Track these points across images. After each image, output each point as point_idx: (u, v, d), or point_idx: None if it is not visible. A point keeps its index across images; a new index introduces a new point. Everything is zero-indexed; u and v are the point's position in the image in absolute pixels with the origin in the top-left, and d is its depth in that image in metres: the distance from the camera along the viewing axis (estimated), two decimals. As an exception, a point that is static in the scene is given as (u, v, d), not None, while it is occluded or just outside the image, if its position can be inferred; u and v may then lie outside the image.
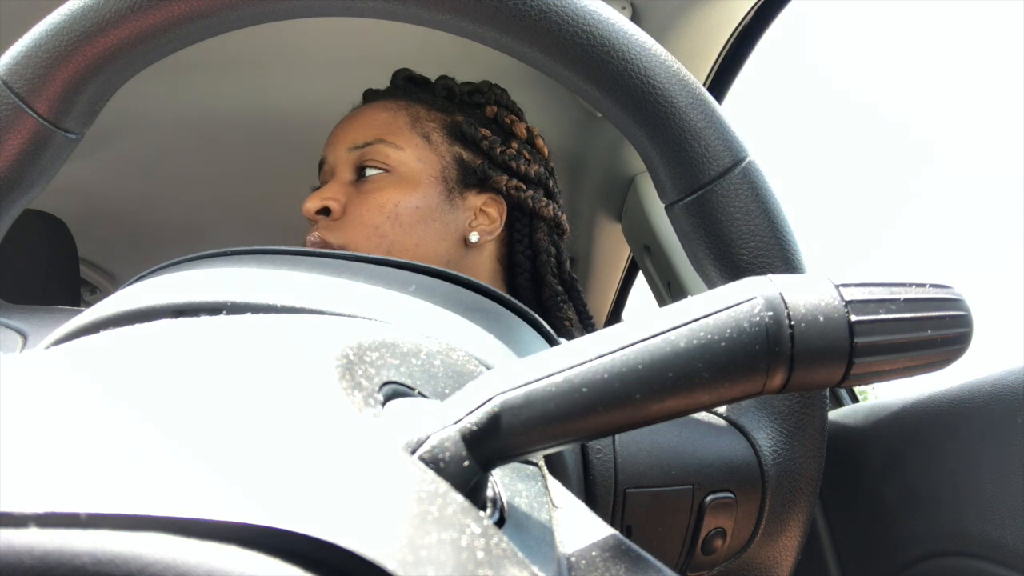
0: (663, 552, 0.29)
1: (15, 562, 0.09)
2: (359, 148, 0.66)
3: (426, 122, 0.68)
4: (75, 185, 1.03)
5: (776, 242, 0.28)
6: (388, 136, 0.66)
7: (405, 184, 0.65)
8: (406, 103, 0.69)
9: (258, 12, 0.30)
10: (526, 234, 0.71)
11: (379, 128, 0.66)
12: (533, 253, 0.71)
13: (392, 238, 0.63)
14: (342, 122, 0.70)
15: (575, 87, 0.29)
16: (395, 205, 0.64)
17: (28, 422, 0.12)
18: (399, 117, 0.68)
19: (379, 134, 0.66)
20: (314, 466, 0.12)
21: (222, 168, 1.05)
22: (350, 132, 0.67)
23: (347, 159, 0.66)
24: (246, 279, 0.26)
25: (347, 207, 0.64)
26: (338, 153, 0.67)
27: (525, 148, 0.72)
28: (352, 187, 0.66)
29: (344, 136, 0.67)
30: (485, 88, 0.73)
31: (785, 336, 0.16)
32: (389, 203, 0.64)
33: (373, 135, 0.66)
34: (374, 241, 0.63)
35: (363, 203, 0.64)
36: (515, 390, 0.15)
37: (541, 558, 0.15)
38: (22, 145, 0.31)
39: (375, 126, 0.67)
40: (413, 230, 0.64)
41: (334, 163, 0.67)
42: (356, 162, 0.66)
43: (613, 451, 0.27)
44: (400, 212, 0.64)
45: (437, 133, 0.68)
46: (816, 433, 0.30)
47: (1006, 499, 0.38)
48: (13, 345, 0.33)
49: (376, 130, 0.66)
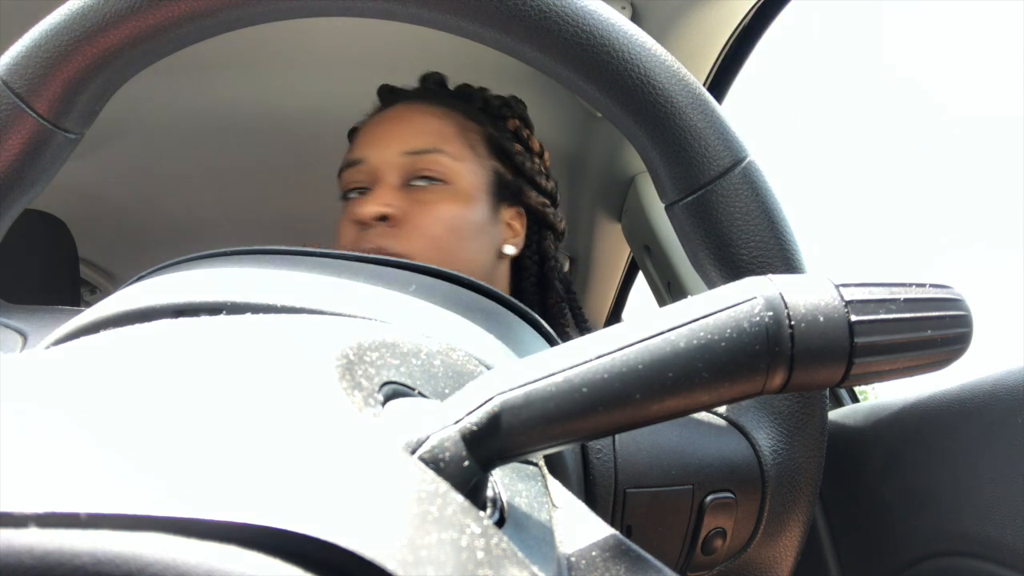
0: (663, 552, 0.29)
1: (15, 562, 0.09)
2: (415, 154, 0.63)
3: (470, 133, 0.67)
4: (75, 185, 1.03)
5: (776, 242, 0.28)
6: (444, 145, 0.64)
7: (462, 197, 0.64)
8: (446, 110, 0.67)
9: (258, 12, 0.29)
10: (535, 240, 0.72)
11: (435, 136, 0.65)
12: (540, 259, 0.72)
13: (452, 251, 0.62)
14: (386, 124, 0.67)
15: (575, 87, 0.29)
16: (455, 218, 0.63)
17: (28, 422, 0.12)
18: (448, 125, 0.66)
19: (436, 143, 0.64)
20: (314, 466, 0.12)
21: (222, 168, 1.05)
22: (403, 136, 0.64)
23: (399, 163, 0.63)
24: (246, 279, 0.26)
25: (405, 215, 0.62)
26: (387, 156, 0.64)
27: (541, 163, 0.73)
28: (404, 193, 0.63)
29: (395, 139, 0.64)
30: (513, 102, 0.73)
31: (785, 336, 0.16)
32: (449, 216, 0.63)
33: (431, 143, 0.64)
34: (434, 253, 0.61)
35: (424, 213, 0.62)
36: (515, 390, 0.15)
37: (541, 558, 0.15)
38: (22, 145, 0.31)
39: (430, 133, 0.65)
40: (469, 243, 0.64)
41: (381, 166, 0.64)
42: (409, 168, 0.63)
43: (613, 451, 0.27)
44: (459, 225, 0.63)
45: (480, 146, 0.67)
46: (816, 433, 0.30)
47: (1006, 499, 0.38)
48: (13, 345, 0.33)
49: (432, 138, 0.64)
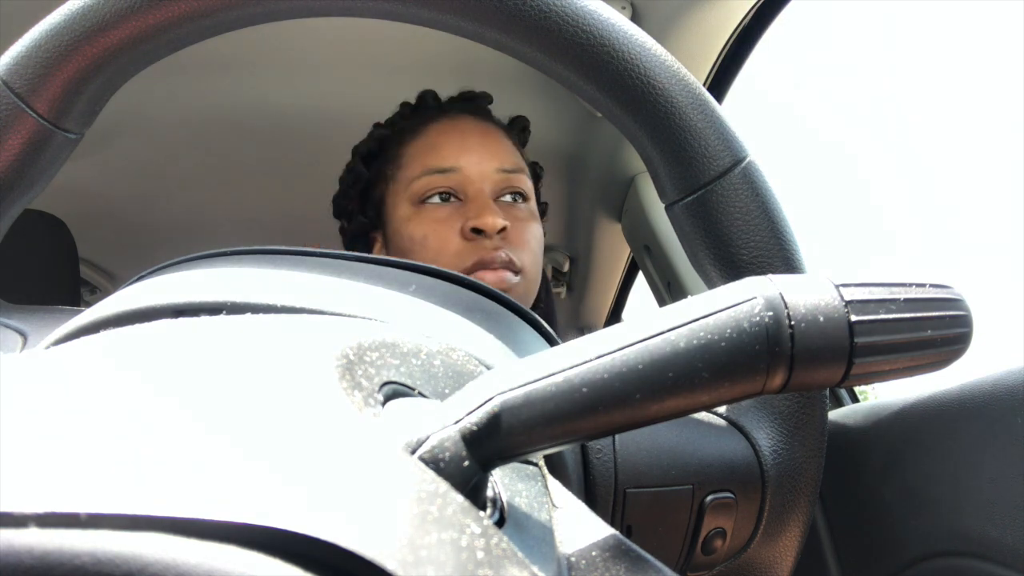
0: (663, 552, 0.29)
1: (15, 562, 0.09)
2: (507, 172, 0.67)
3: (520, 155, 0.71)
4: (75, 185, 1.03)
5: (776, 242, 0.28)
6: (522, 166, 0.69)
7: (536, 216, 0.69)
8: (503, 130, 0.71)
9: (258, 12, 0.29)
10: None
11: (516, 156, 0.69)
12: None
13: (540, 263, 0.68)
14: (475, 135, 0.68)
15: (575, 87, 0.29)
16: (539, 234, 0.68)
17: (28, 422, 0.12)
18: (517, 148, 0.71)
19: (518, 163, 0.68)
20: (314, 466, 0.12)
21: (222, 168, 1.05)
22: (499, 154, 0.67)
23: (495, 179, 0.66)
24: (246, 279, 0.26)
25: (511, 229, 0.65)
26: (485, 170, 0.66)
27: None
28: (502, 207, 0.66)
29: (489, 155, 0.67)
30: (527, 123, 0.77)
31: (785, 336, 0.16)
32: (539, 233, 0.68)
33: (516, 163, 0.68)
34: (536, 267, 0.67)
35: (524, 229, 0.66)
36: (515, 390, 0.15)
37: (541, 558, 0.15)
38: (22, 145, 0.31)
39: (512, 153, 0.69)
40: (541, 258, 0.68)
41: (479, 179, 0.65)
42: (502, 184, 0.66)
43: (613, 451, 0.27)
44: (540, 240, 0.68)
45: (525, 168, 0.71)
46: (816, 433, 0.30)
47: (1006, 499, 0.38)
48: (13, 345, 0.33)
49: (517, 158, 0.69)
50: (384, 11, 0.29)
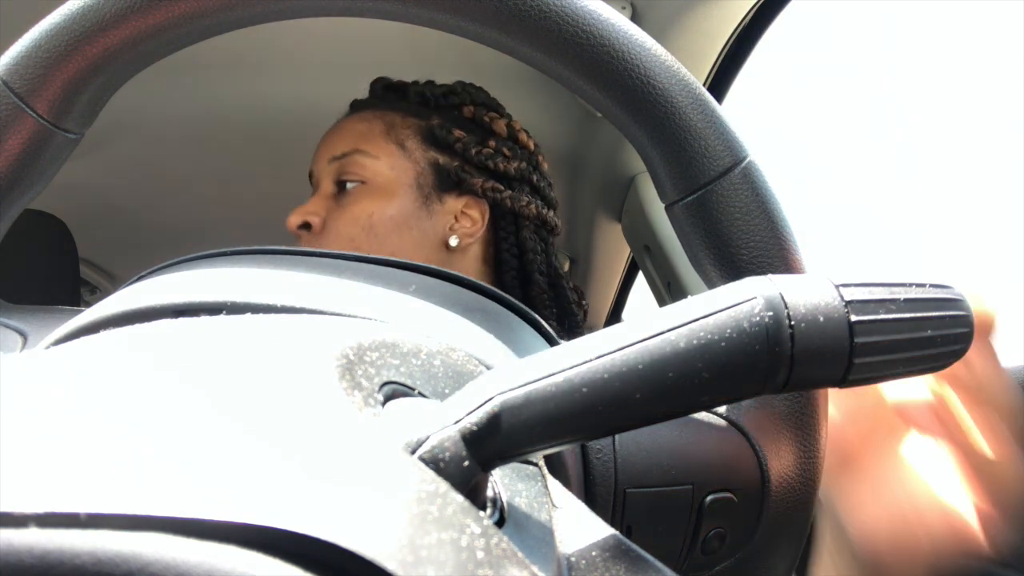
0: (663, 552, 0.29)
1: (15, 562, 0.09)
2: (337, 159, 0.67)
3: (401, 129, 0.69)
4: (75, 185, 1.03)
5: (776, 242, 0.28)
6: (363, 146, 0.67)
7: (380, 194, 0.65)
8: (382, 112, 0.70)
9: (258, 12, 0.29)
10: (512, 232, 0.70)
11: (355, 139, 0.67)
12: (520, 252, 0.70)
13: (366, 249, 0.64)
14: (325, 135, 0.71)
15: (575, 87, 0.29)
16: (369, 216, 0.64)
17: (28, 422, 0.12)
18: (375, 126, 0.68)
19: (355, 144, 0.67)
20: (314, 466, 0.12)
21: (222, 168, 1.05)
22: (330, 144, 0.68)
23: (328, 171, 0.68)
24: (246, 279, 0.26)
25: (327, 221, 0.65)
26: (320, 165, 0.69)
27: (505, 145, 0.71)
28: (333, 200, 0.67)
29: (324, 148, 0.69)
30: (459, 88, 0.72)
31: (785, 336, 0.16)
32: (363, 215, 0.65)
33: (350, 146, 0.67)
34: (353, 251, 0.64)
35: (341, 216, 0.65)
36: (515, 390, 0.15)
37: (541, 558, 0.15)
38: (22, 145, 0.31)
39: (352, 137, 0.68)
40: (388, 240, 0.65)
41: (319, 176, 0.69)
42: (336, 174, 0.67)
43: (613, 451, 0.27)
44: (374, 223, 0.64)
45: (412, 139, 0.68)
46: (816, 433, 0.30)
47: (1006, 499, 0.38)
48: (13, 345, 0.33)
49: (353, 141, 0.67)
50: (384, 11, 0.29)
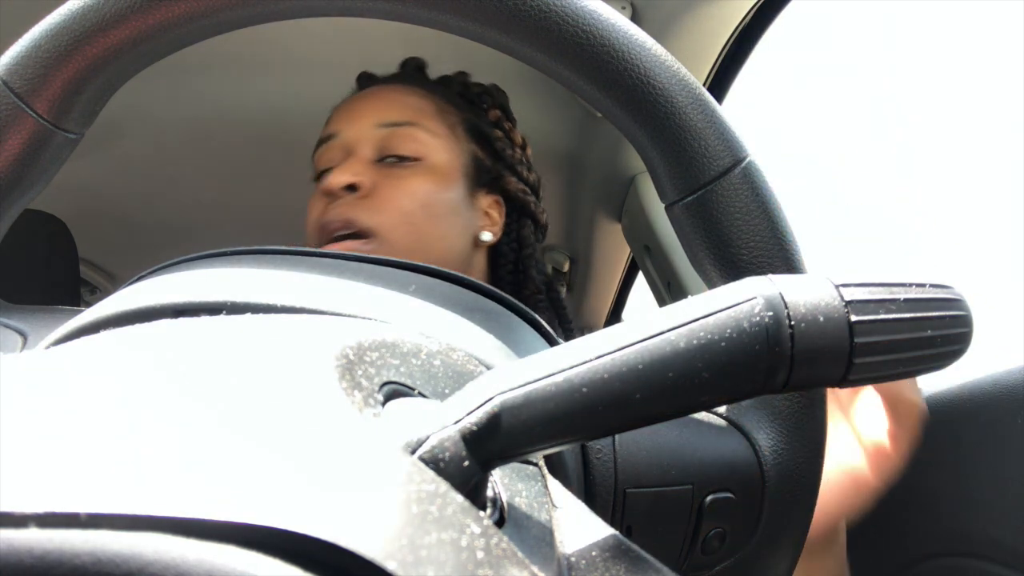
0: (663, 552, 0.29)
1: (15, 562, 0.09)
2: (390, 127, 0.62)
3: (449, 114, 0.66)
4: (75, 185, 1.03)
5: (776, 242, 0.28)
6: (422, 120, 0.63)
7: (437, 174, 0.63)
8: (428, 91, 0.67)
9: (258, 12, 0.29)
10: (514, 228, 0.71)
11: (412, 110, 0.64)
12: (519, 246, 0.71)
13: (423, 228, 0.61)
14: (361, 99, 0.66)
15: (575, 87, 0.29)
16: (428, 195, 0.61)
17: (28, 422, 0.12)
18: (426, 103, 0.65)
19: (412, 116, 0.63)
20: (314, 466, 0.12)
21: (222, 168, 1.05)
22: (378, 109, 0.64)
23: (373, 136, 0.62)
24: (246, 279, 0.26)
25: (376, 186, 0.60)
26: (360, 129, 0.63)
27: (523, 155, 0.72)
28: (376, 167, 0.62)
29: (370, 112, 0.64)
30: (493, 91, 0.73)
31: (785, 336, 0.16)
32: (422, 191, 0.61)
33: (406, 116, 0.63)
34: (404, 228, 0.60)
35: (395, 187, 0.60)
36: (515, 390, 0.15)
37: (541, 558, 0.15)
38: (22, 145, 0.31)
39: (407, 108, 0.64)
40: (442, 222, 0.62)
41: (353, 139, 0.63)
42: (383, 141, 0.62)
43: (613, 451, 0.27)
44: (432, 203, 0.61)
45: (459, 128, 0.67)
46: (816, 433, 0.30)
47: (1006, 499, 0.38)
48: (13, 345, 0.33)
49: (409, 112, 0.64)
50: (384, 11, 0.29)
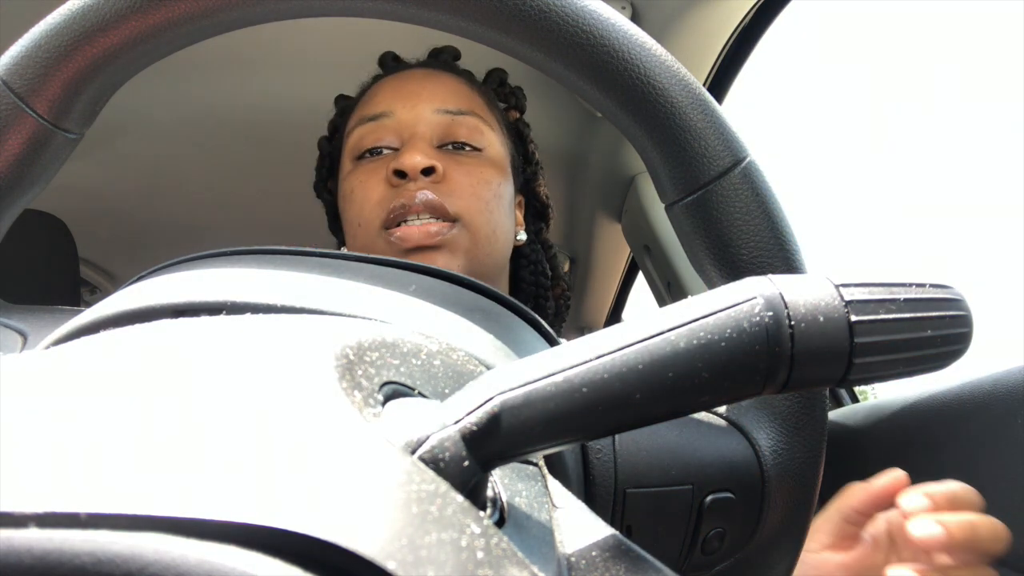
0: (663, 552, 0.29)
1: (15, 562, 0.09)
2: (452, 114, 0.59)
3: (494, 110, 0.65)
4: (75, 185, 1.03)
5: (776, 242, 0.28)
6: (480, 112, 0.61)
7: (497, 166, 0.61)
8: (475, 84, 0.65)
9: (258, 12, 0.30)
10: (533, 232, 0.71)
11: (470, 100, 0.62)
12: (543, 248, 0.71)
13: (497, 217, 0.59)
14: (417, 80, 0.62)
15: (575, 87, 0.29)
16: (497, 185, 0.60)
17: (28, 422, 0.12)
18: (477, 96, 0.63)
19: (472, 106, 0.61)
20: (314, 466, 0.12)
21: (222, 168, 1.05)
22: (437, 94, 0.61)
23: (434, 122, 0.59)
24: (246, 279, 0.26)
25: (447, 173, 0.57)
26: (421, 112, 0.59)
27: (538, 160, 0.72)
28: (441, 153, 0.59)
29: (429, 96, 0.60)
30: (519, 93, 0.71)
31: (785, 336, 0.16)
32: (493, 181, 0.59)
33: (467, 105, 0.61)
34: (485, 216, 0.58)
35: (469, 174, 0.58)
36: (515, 390, 0.15)
37: (541, 558, 0.15)
38: (22, 145, 0.31)
39: (465, 97, 0.62)
40: (506, 214, 0.61)
41: (412, 121, 0.59)
42: (445, 128, 0.59)
43: (613, 451, 0.27)
44: (501, 193, 0.60)
45: (502, 124, 0.65)
46: (816, 433, 0.30)
47: (1006, 499, 0.38)
48: (13, 345, 0.33)
49: (468, 101, 0.61)
50: (384, 11, 0.29)
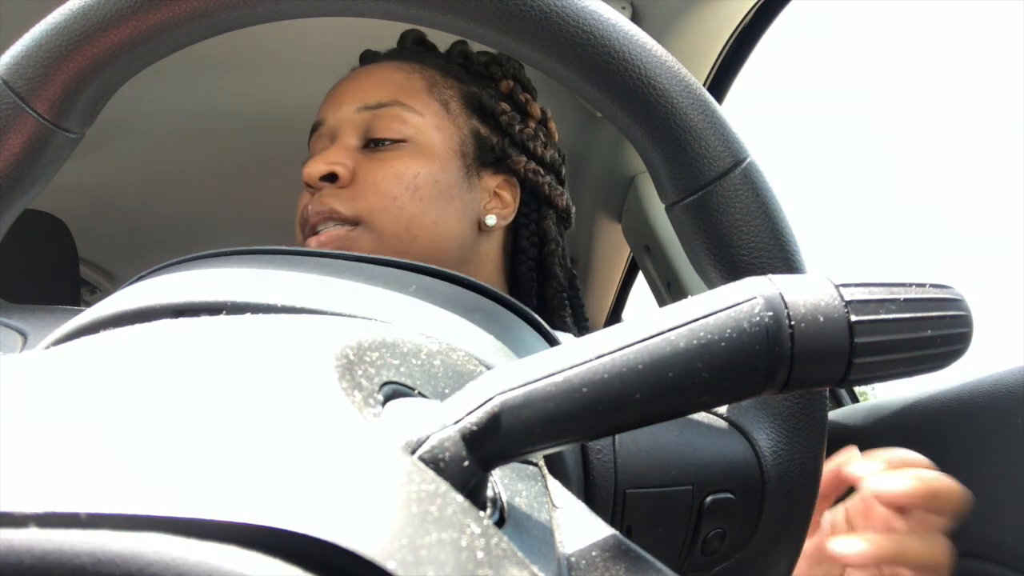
0: (663, 552, 0.29)
1: (15, 562, 0.09)
2: (371, 109, 0.59)
3: (443, 88, 0.62)
4: (75, 185, 1.03)
5: (776, 242, 0.28)
6: (406, 99, 0.59)
7: (425, 155, 0.59)
8: (420, 65, 0.63)
9: (258, 12, 0.30)
10: (534, 219, 0.66)
11: (395, 89, 0.60)
12: (540, 241, 0.66)
13: (411, 211, 0.57)
14: (346, 81, 0.62)
15: (575, 87, 0.29)
16: (415, 176, 0.57)
17: (28, 422, 0.12)
18: (414, 79, 0.61)
19: (396, 96, 0.59)
20: (314, 466, 0.12)
21: (222, 168, 1.05)
22: (360, 91, 0.60)
23: (355, 121, 0.59)
24: (246, 279, 0.26)
25: (356, 174, 0.57)
26: (342, 114, 0.60)
27: (541, 129, 0.66)
28: (360, 153, 0.58)
29: (351, 95, 0.60)
30: (503, 60, 0.67)
31: (785, 336, 0.16)
32: (408, 172, 0.57)
33: (389, 96, 0.59)
34: (392, 213, 0.56)
35: (377, 170, 0.57)
36: (515, 390, 0.15)
37: (541, 558, 0.15)
38: (22, 145, 0.31)
39: (390, 86, 0.60)
40: (433, 205, 0.58)
41: (336, 125, 0.60)
42: (366, 125, 0.59)
43: (613, 451, 0.27)
44: (420, 184, 0.57)
45: (455, 102, 0.62)
46: (816, 433, 0.30)
47: (1006, 499, 0.38)
48: (13, 345, 0.33)
49: (392, 91, 0.60)
50: (384, 11, 0.29)
